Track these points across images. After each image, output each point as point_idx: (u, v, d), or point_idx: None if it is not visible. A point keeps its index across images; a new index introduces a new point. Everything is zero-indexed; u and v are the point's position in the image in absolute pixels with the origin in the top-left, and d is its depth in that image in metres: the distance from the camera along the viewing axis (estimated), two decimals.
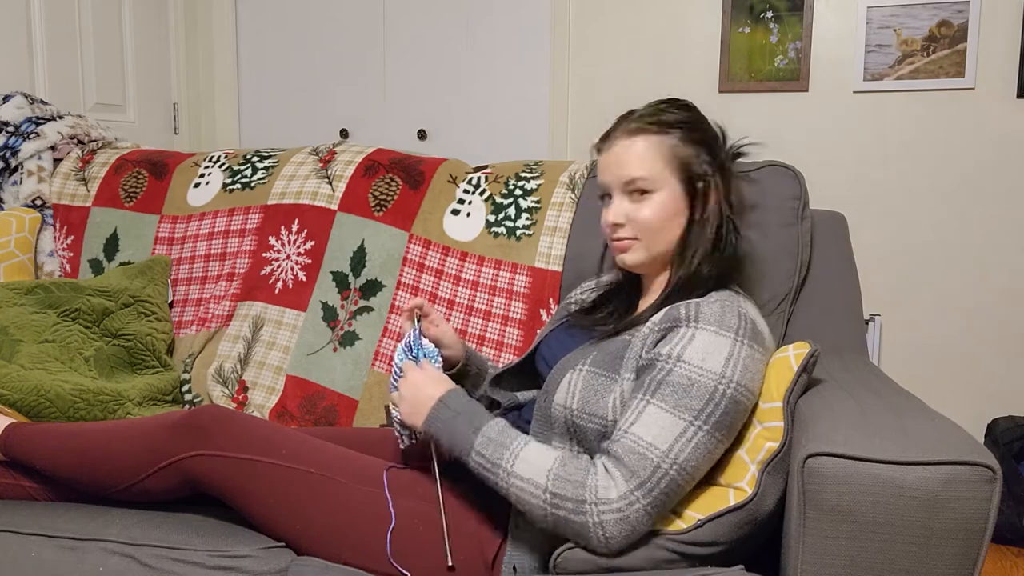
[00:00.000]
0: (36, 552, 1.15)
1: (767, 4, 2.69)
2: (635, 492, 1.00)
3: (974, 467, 0.86)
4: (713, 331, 1.07)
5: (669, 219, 1.18)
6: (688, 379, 1.04)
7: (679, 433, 1.02)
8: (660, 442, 1.02)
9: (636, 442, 1.03)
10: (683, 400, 1.03)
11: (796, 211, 1.48)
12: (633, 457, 1.02)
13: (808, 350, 1.10)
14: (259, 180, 1.90)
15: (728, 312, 1.09)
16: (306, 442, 1.20)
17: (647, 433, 1.03)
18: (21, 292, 1.67)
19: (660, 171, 1.18)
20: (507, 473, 1.05)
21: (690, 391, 1.04)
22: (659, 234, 1.19)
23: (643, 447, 1.02)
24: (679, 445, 1.02)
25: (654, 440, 1.02)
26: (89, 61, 2.86)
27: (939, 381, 2.63)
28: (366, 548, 1.11)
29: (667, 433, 1.02)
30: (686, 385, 1.04)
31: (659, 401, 1.04)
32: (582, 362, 1.15)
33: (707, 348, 1.06)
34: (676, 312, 1.11)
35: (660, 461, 1.01)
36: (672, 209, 1.18)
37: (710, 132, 1.22)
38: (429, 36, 3.18)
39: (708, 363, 1.05)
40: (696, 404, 1.03)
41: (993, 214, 2.55)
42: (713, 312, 1.09)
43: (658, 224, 1.18)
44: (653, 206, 1.18)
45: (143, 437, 1.22)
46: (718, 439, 1.05)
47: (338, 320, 1.73)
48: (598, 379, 1.12)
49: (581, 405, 1.11)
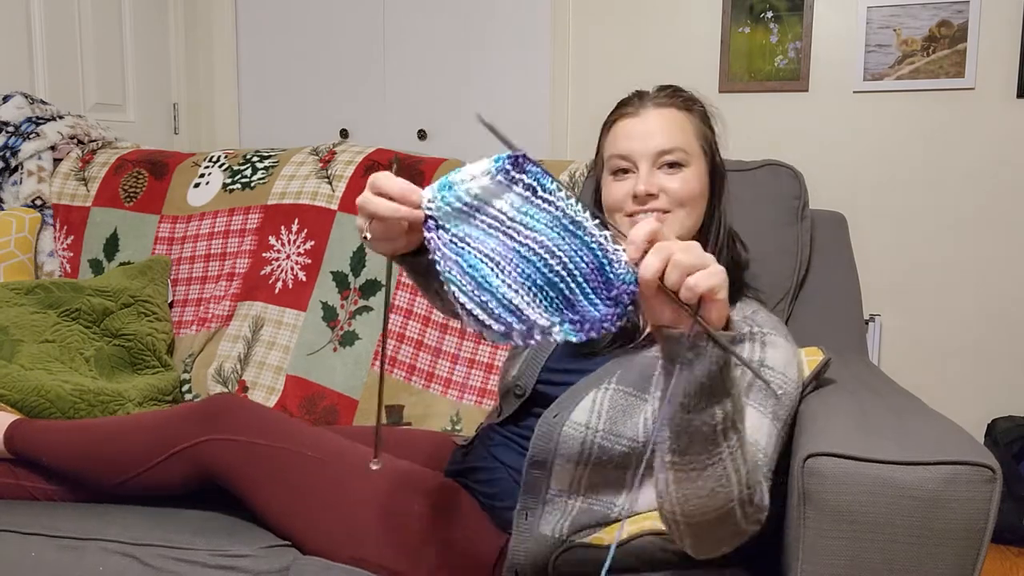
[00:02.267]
0: (36, 552, 1.15)
1: (767, 4, 2.69)
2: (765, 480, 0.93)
3: (974, 467, 0.86)
4: (781, 338, 1.07)
5: (699, 196, 1.16)
6: (776, 385, 1.02)
7: (767, 431, 0.98)
8: (755, 436, 0.97)
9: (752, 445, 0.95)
10: (765, 400, 1.00)
11: (796, 211, 1.48)
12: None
13: (822, 358, 1.10)
14: (259, 180, 1.90)
15: (774, 319, 1.11)
16: (317, 431, 1.21)
17: (751, 434, 0.94)
18: (21, 292, 1.67)
19: (693, 145, 1.16)
20: (739, 433, 0.82)
21: (779, 399, 1.01)
22: (691, 209, 1.15)
23: (755, 449, 0.96)
24: (764, 440, 0.97)
25: (758, 439, 0.97)
26: (89, 61, 2.86)
27: (939, 381, 2.63)
28: (372, 540, 1.10)
29: (755, 431, 0.97)
30: (774, 392, 1.01)
31: (753, 403, 1.00)
32: (608, 380, 1.08)
33: (784, 356, 1.05)
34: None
35: (761, 454, 0.96)
36: (700, 186, 1.16)
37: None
38: (429, 36, 3.18)
39: (789, 372, 1.04)
40: (783, 413, 1.02)
41: (993, 214, 2.55)
42: (766, 320, 1.09)
43: (690, 197, 1.14)
44: (687, 178, 1.14)
45: (155, 425, 1.22)
46: (783, 436, 1.03)
47: (338, 320, 1.73)
48: (627, 399, 1.06)
49: (608, 426, 1.04)
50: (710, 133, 1.20)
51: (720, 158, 1.21)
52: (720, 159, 1.21)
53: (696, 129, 1.18)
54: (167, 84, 3.25)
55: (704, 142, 1.18)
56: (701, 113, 1.20)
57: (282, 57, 3.40)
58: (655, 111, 1.17)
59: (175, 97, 3.29)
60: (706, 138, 1.19)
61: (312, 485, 1.14)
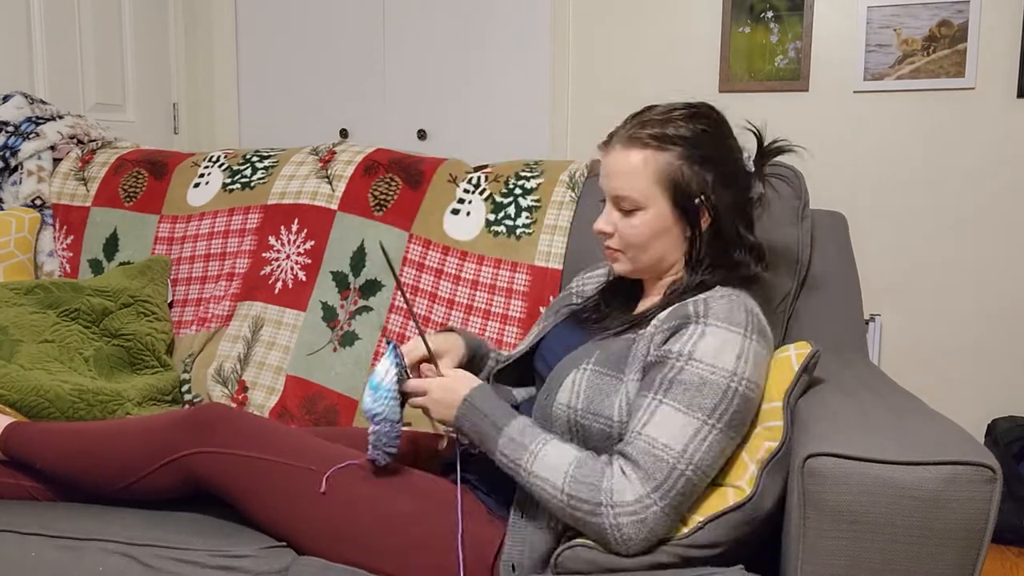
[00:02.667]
0: (36, 552, 1.15)
1: (767, 4, 2.69)
2: (652, 495, 1.00)
3: (974, 467, 0.86)
4: (723, 328, 1.07)
5: (655, 237, 1.17)
6: (700, 377, 1.04)
7: (693, 433, 1.02)
8: (675, 443, 1.02)
9: (651, 443, 1.02)
10: (696, 399, 1.03)
11: (796, 211, 1.48)
12: (648, 459, 1.01)
13: (809, 351, 1.10)
14: (259, 180, 1.90)
15: (736, 308, 1.09)
16: (308, 440, 1.20)
17: (662, 434, 1.02)
18: (21, 292, 1.67)
19: (649, 189, 1.15)
20: (527, 473, 1.06)
21: (703, 390, 1.03)
22: (643, 250, 1.18)
23: (658, 448, 1.02)
24: (694, 445, 1.02)
25: (669, 441, 1.02)
26: (89, 61, 2.86)
27: (939, 381, 2.63)
28: (367, 546, 1.11)
29: (682, 433, 1.02)
30: (698, 384, 1.04)
31: (672, 400, 1.04)
32: (586, 361, 1.14)
33: (718, 345, 1.06)
34: (684, 310, 1.11)
35: (676, 462, 1.01)
36: (658, 227, 1.16)
37: (720, 145, 1.18)
38: (429, 36, 3.18)
39: (720, 361, 1.05)
40: (709, 403, 1.03)
41: (993, 214, 2.55)
42: (722, 308, 1.09)
43: (640, 242, 1.17)
44: (637, 224, 1.16)
45: (145, 435, 1.22)
46: (731, 437, 1.04)
47: (338, 320, 1.73)
48: (603, 379, 1.11)
49: (586, 405, 1.10)
50: (691, 168, 1.15)
51: (718, 182, 1.16)
52: (717, 183, 1.16)
53: (658, 170, 1.14)
54: (167, 84, 3.25)
55: (667, 181, 1.14)
56: (682, 148, 1.15)
57: (282, 57, 3.40)
58: (619, 151, 1.17)
59: (175, 97, 3.29)
60: (671, 177, 1.14)
61: (303, 493, 1.14)
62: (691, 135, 1.15)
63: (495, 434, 1.10)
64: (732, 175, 1.18)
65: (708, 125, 1.18)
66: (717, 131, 1.19)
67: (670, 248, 1.18)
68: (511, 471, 1.09)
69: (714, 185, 1.16)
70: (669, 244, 1.18)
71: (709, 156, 1.16)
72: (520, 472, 1.07)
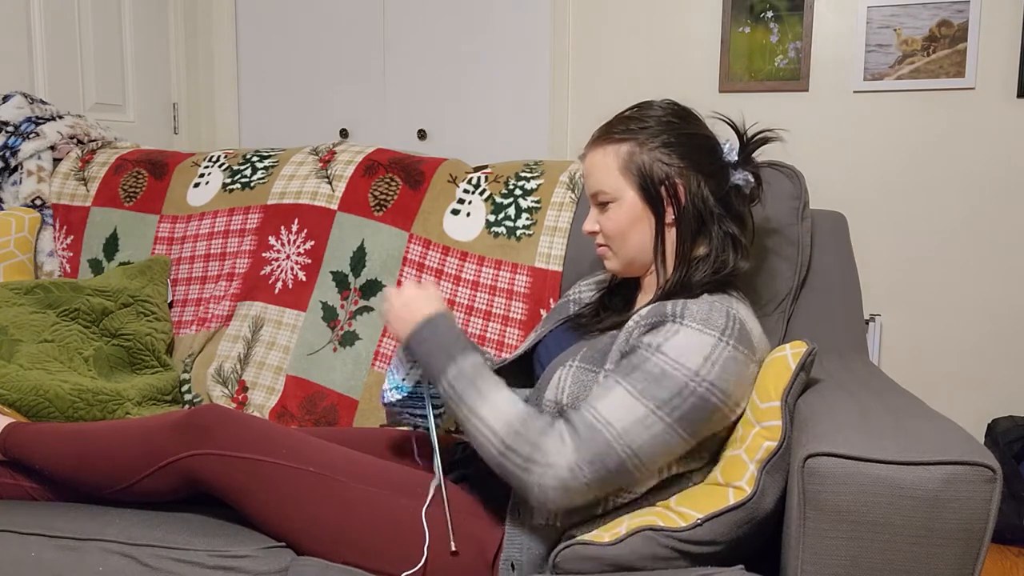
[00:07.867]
0: (36, 552, 1.15)
1: (767, 4, 2.69)
2: (582, 466, 1.02)
3: (974, 467, 0.86)
4: (696, 329, 1.07)
5: (630, 227, 1.20)
6: (661, 370, 1.05)
7: (639, 418, 1.04)
8: (617, 421, 1.04)
9: (595, 416, 1.04)
10: (650, 388, 1.04)
11: (796, 211, 1.48)
12: (589, 431, 1.03)
13: (805, 349, 1.10)
14: (259, 180, 1.90)
15: (716, 312, 1.09)
16: (306, 441, 1.20)
17: (607, 411, 1.04)
18: (21, 292, 1.67)
19: (617, 181, 1.20)
20: (469, 410, 1.08)
21: (661, 381, 1.04)
22: (624, 242, 1.21)
23: (600, 423, 1.04)
24: (636, 430, 1.03)
25: (611, 418, 1.04)
26: (89, 61, 2.86)
27: (939, 381, 2.63)
28: (366, 547, 1.11)
29: (626, 415, 1.04)
30: (658, 375, 1.05)
31: (628, 384, 1.06)
32: (572, 359, 1.17)
33: (687, 345, 1.06)
34: (663, 308, 1.12)
35: (613, 440, 1.03)
36: (631, 217, 1.19)
37: (683, 132, 1.19)
38: (429, 36, 3.18)
39: (685, 359, 1.05)
40: (663, 395, 1.04)
41: (993, 214, 2.55)
42: (700, 310, 1.09)
43: (618, 233, 1.21)
44: (612, 216, 1.21)
45: (143, 437, 1.22)
46: (679, 435, 1.05)
47: (338, 320, 1.73)
48: (587, 375, 1.13)
49: (571, 401, 1.12)
50: (651, 155, 1.17)
51: (682, 168, 1.17)
52: (681, 169, 1.17)
53: (621, 160, 1.19)
54: (167, 84, 3.25)
55: (632, 169, 1.18)
56: (642, 136, 1.18)
57: (282, 57, 3.40)
58: (591, 152, 1.24)
59: (175, 97, 3.29)
60: (635, 164, 1.18)
61: (302, 497, 1.14)
62: (652, 123, 1.20)
63: (446, 362, 1.12)
64: (700, 162, 1.19)
65: (670, 114, 1.21)
66: (680, 119, 1.21)
67: (648, 237, 1.21)
68: (452, 402, 1.10)
69: (681, 171, 1.18)
70: (646, 233, 1.20)
71: (670, 142, 1.18)
72: (462, 407, 1.09)
